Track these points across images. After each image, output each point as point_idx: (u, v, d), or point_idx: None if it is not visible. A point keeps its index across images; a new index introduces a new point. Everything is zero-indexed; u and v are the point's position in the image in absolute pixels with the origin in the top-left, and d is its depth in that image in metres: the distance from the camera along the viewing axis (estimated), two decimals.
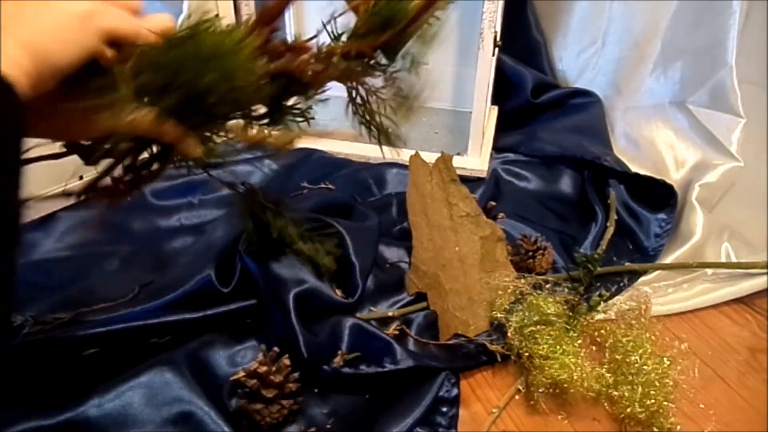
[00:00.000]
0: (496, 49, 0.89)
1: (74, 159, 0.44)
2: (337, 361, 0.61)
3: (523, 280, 0.71)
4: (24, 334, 0.62)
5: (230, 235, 0.71)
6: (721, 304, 0.76)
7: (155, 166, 0.44)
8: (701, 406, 0.62)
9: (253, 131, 0.46)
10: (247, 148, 0.76)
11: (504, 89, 1.10)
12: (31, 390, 0.56)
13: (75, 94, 0.39)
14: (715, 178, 0.92)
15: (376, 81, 0.50)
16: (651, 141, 1.03)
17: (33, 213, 0.82)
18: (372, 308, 0.71)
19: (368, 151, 1.00)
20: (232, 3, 0.91)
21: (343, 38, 0.47)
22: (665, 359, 0.62)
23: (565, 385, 0.61)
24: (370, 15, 0.46)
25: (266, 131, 0.46)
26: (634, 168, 0.97)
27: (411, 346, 0.67)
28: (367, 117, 0.51)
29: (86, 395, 0.55)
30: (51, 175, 0.81)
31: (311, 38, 0.46)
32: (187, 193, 0.90)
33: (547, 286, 0.72)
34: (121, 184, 0.42)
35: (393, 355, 0.61)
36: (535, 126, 1.09)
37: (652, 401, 0.58)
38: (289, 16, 1.16)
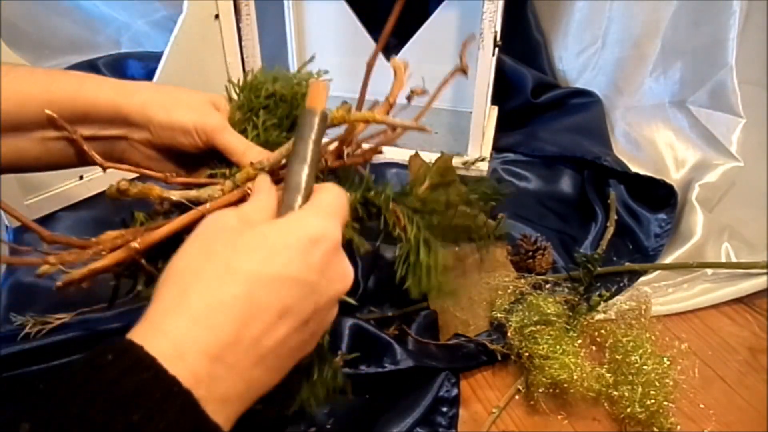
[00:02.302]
0: (496, 49, 0.89)
1: None
2: (337, 361, 0.61)
3: (523, 280, 0.71)
4: (24, 335, 0.62)
5: None
6: (721, 304, 0.76)
7: None
8: (701, 406, 0.62)
9: None
10: None
11: (504, 89, 1.10)
12: (29, 390, 0.56)
13: None
14: (715, 178, 0.92)
15: None
16: (651, 141, 1.03)
17: (33, 213, 0.82)
18: (372, 308, 0.71)
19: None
20: (231, 3, 0.91)
21: None
22: (665, 359, 0.62)
23: (565, 385, 0.61)
24: None
25: None
26: (634, 168, 0.96)
27: (411, 346, 0.67)
28: None
29: None
30: (51, 175, 0.82)
31: None
32: None
33: (547, 286, 0.72)
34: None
35: (393, 355, 0.61)
36: (535, 126, 1.09)
37: (652, 401, 0.58)
38: (289, 20, 1.15)
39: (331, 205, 0.34)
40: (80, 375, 0.25)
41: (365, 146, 0.48)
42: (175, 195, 0.42)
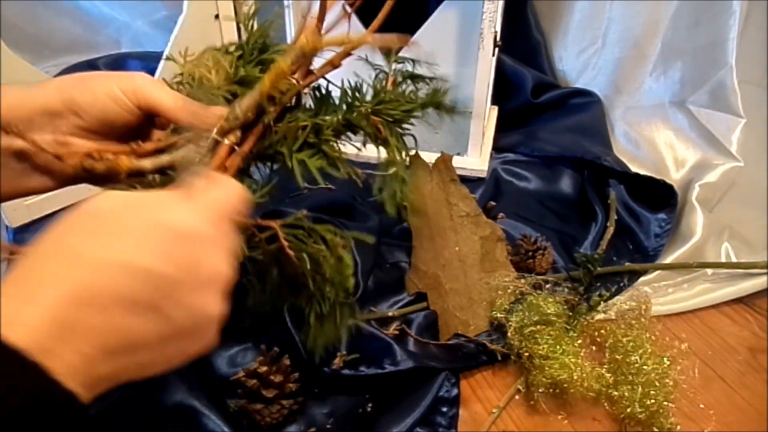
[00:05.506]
0: (496, 49, 0.89)
1: None
2: (337, 362, 0.61)
3: (523, 280, 0.71)
4: None
5: None
6: (721, 304, 0.76)
7: None
8: (701, 406, 0.62)
9: None
10: None
11: (504, 89, 1.10)
12: None
13: None
14: (715, 178, 0.92)
15: None
16: (651, 141, 1.03)
17: (33, 213, 0.82)
18: (372, 308, 0.71)
19: (368, 151, 1.00)
20: (232, 3, 0.91)
21: None
22: (665, 359, 0.62)
23: (565, 385, 0.61)
24: None
25: None
26: (634, 168, 0.96)
27: (411, 346, 0.67)
28: None
29: None
30: None
31: None
32: None
33: (547, 286, 0.72)
34: None
35: (393, 356, 0.61)
36: (535, 126, 1.09)
37: (652, 401, 0.58)
38: (289, 20, 1.15)
39: (220, 205, 0.32)
40: None
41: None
42: (148, 164, 0.39)
